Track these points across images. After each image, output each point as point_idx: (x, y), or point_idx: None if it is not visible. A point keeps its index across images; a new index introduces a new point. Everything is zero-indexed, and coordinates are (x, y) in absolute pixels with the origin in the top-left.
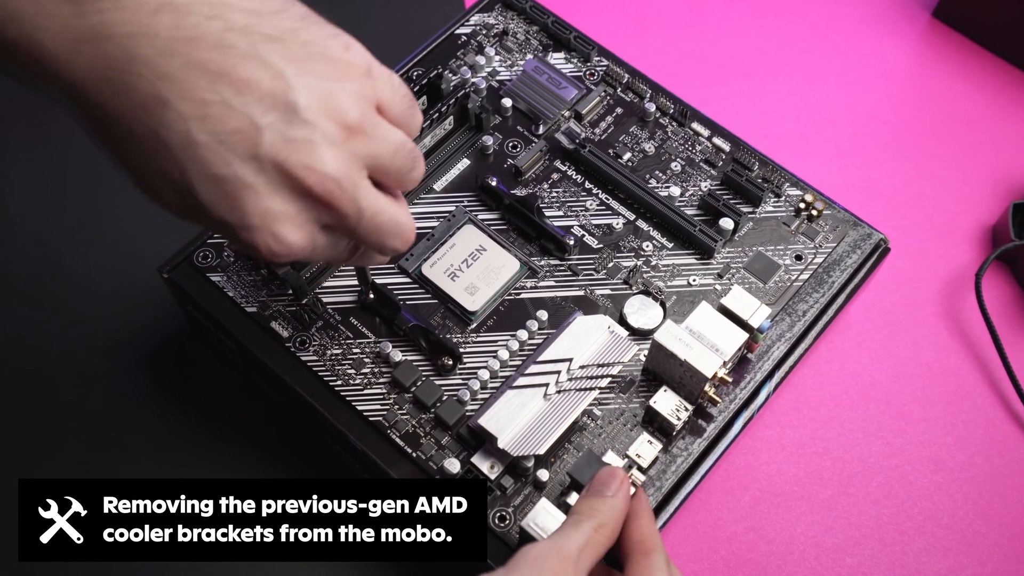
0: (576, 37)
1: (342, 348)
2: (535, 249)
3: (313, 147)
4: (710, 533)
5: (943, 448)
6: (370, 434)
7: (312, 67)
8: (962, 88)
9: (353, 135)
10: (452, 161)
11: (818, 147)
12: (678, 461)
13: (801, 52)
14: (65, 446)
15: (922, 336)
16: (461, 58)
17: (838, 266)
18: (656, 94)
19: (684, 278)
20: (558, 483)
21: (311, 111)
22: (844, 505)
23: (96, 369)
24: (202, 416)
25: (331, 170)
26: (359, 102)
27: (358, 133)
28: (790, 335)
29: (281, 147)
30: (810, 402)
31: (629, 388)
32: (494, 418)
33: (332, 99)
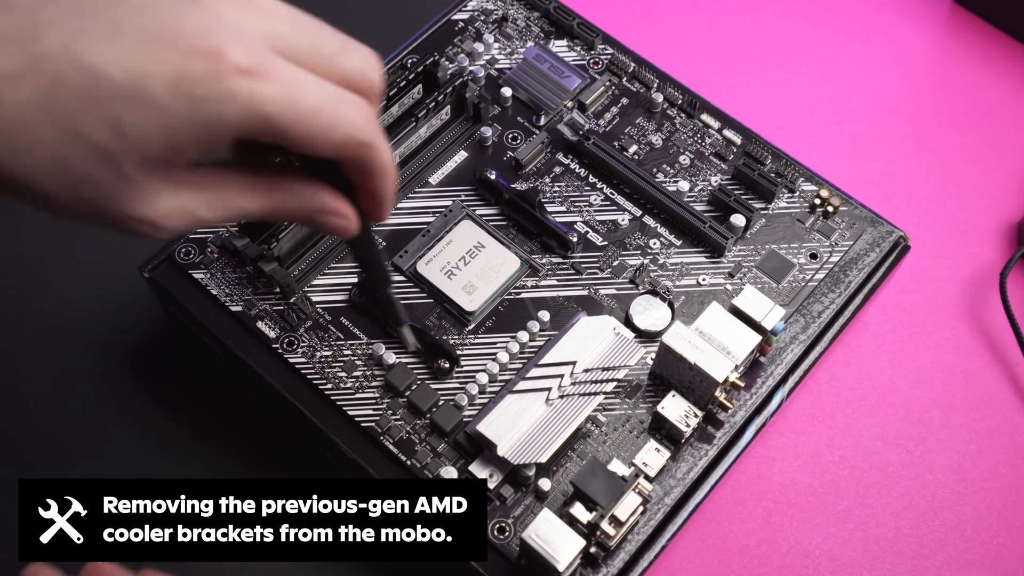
0: (579, 24)
1: (332, 350)
2: (536, 246)
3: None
4: (721, 546)
5: (966, 457)
6: (362, 441)
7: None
8: (985, 77)
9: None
10: (449, 153)
11: (834, 140)
12: (687, 470)
13: (816, 40)
14: (58, 447)
15: (944, 339)
16: (458, 45)
17: (855, 265)
18: (664, 84)
19: (693, 277)
20: (560, 493)
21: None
22: (862, 517)
23: (81, 369)
24: (192, 419)
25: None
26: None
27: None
28: (805, 337)
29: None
30: (826, 408)
31: (635, 393)
32: (493, 424)
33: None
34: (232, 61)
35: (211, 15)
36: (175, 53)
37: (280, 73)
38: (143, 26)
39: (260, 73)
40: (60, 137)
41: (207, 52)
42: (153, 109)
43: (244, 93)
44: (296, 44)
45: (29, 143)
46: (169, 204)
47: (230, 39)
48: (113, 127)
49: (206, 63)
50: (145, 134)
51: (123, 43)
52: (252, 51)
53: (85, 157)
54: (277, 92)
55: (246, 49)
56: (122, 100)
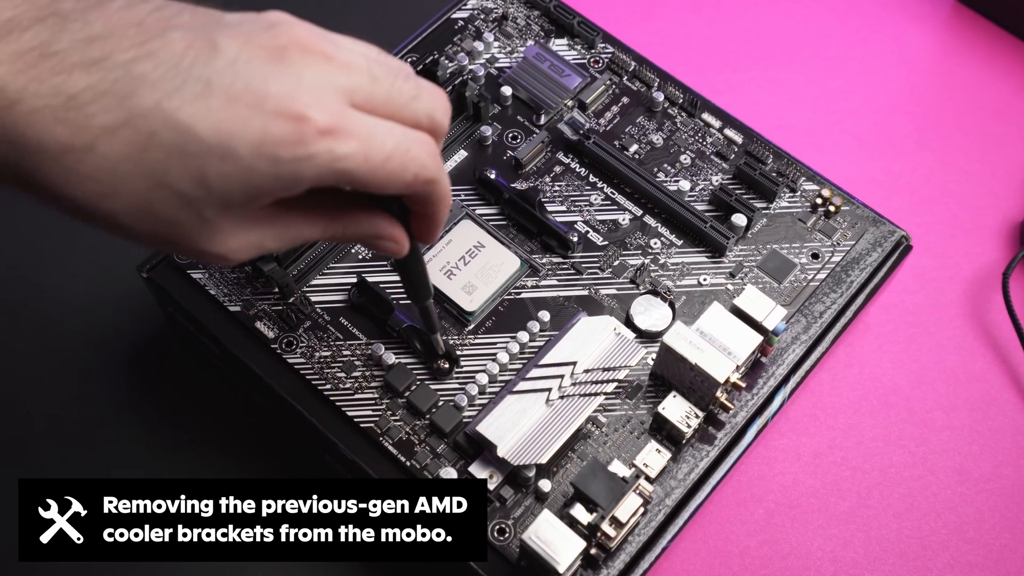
0: (580, 22)
1: (331, 350)
2: (536, 246)
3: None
4: (722, 548)
5: (968, 458)
6: (361, 442)
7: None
8: (988, 76)
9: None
10: (449, 153)
11: (836, 139)
12: (688, 471)
13: (818, 38)
14: (57, 447)
15: (946, 339)
16: (458, 44)
17: (857, 265)
18: (664, 83)
19: (694, 277)
20: (561, 494)
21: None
22: (864, 518)
23: (79, 369)
24: (191, 419)
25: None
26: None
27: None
28: (806, 338)
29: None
30: (827, 409)
31: (636, 394)
32: (493, 425)
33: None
34: (313, 125)
35: (294, 76)
36: (260, 116)
37: (357, 129)
38: (231, 87)
39: (338, 132)
40: (148, 185)
41: (290, 116)
42: (237, 166)
43: (323, 153)
44: (373, 96)
45: (119, 189)
46: (241, 240)
47: (312, 102)
48: (198, 179)
49: (289, 127)
50: (227, 186)
51: (212, 103)
52: (331, 111)
53: (169, 203)
54: (353, 148)
55: (326, 111)
56: (208, 156)
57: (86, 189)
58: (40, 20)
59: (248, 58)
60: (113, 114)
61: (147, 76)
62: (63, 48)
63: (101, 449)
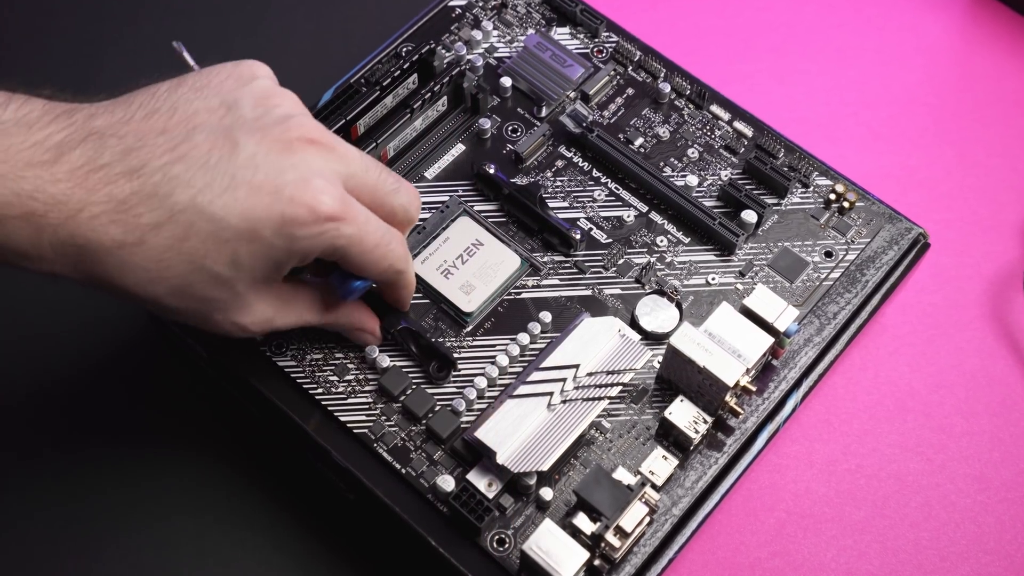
0: (582, 10)
1: (323, 352)
2: (537, 244)
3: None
4: (731, 559)
5: (989, 465)
6: (354, 448)
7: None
8: (1009, 66)
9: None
10: (445, 146)
11: (850, 132)
12: (696, 479)
13: (832, 27)
14: (44, 452)
15: (965, 341)
16: (456, 33)
17: (873, 264)
18: (671, 73)
19: (702, 276)
20: (563, 503)
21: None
22: (879, 528)
23: (63, 375)
24: (177, 425)
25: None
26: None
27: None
28: (819, 340)
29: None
30: (841, 414)
31: (642, 398)
32: (492, 431)
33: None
34: (324, 211)
35: (304, 164)
36: (279, 202)
37: (356, 216)
38: (253, 179)
39: (343, 218)
40: (188, 269)
41: (305, 203)
42: (263, 245)
43: (330, 233)
44: (364, 183)
45: (164, 275)
46: (259, 314)
47: (321, 189)
48: (231, 261)
49: (304, 211)
50: (254, 263)
51: (238, 194)
52: (337, 199)
53: (206, 283)
54: (352, 232)
55: (334, 199)
56: (239, 240)
57: (139, 277)
58: (83, 140)
59: (266, 152)
60: (157, 213)
61: (181, 177)
62: (107, 161)
63: (86, 454)
